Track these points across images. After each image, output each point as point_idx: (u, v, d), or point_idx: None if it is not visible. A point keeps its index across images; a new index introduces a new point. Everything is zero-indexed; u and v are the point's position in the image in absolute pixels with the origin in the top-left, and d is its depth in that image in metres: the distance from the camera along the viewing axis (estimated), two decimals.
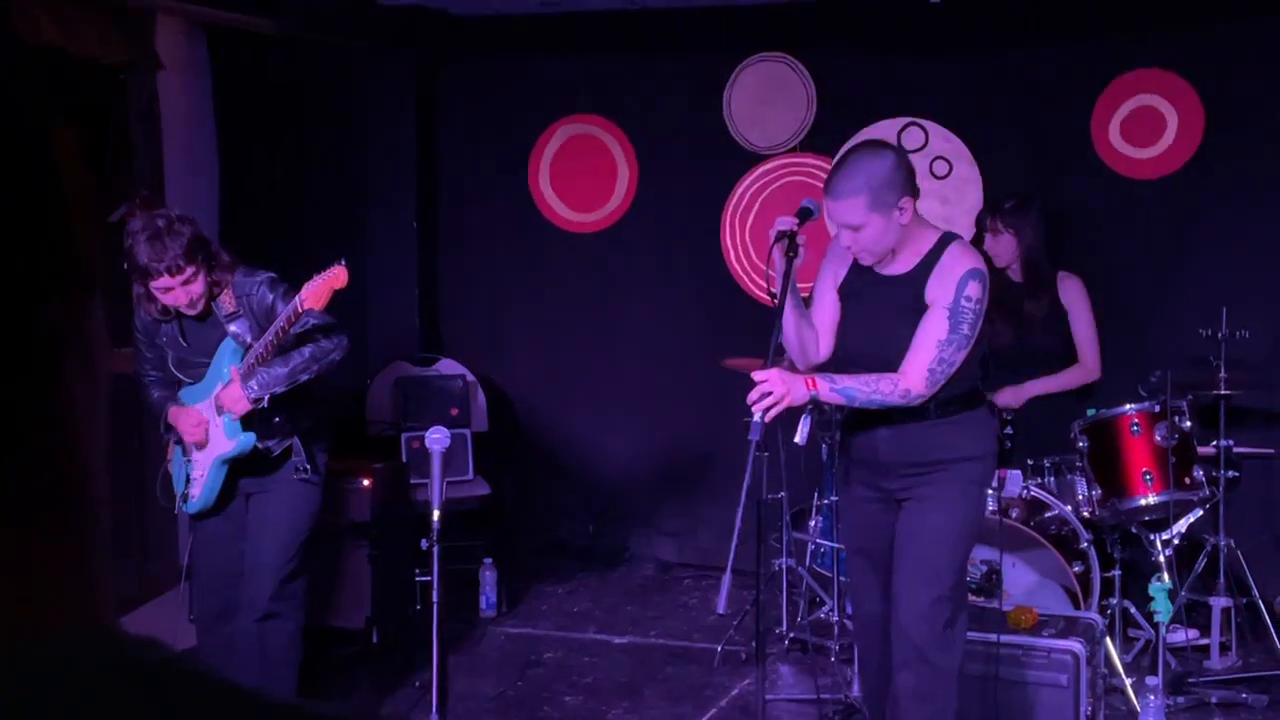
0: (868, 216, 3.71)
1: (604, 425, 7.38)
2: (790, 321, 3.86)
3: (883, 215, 3.72)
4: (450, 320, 7.59)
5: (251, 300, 4.34)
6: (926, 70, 6.70)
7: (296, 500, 4.53)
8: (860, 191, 3.70)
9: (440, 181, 7.57)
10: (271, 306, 4.33)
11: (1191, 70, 6.27)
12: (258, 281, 4.37)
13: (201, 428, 4.41)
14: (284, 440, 4.47)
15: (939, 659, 3.83)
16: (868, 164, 3.75)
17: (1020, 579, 5.26)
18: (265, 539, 4.51)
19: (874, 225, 3.73)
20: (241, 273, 4.37)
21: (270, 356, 4.25)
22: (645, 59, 7.21)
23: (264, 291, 4.35)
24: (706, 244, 7.08)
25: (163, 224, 4.14)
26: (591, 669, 5.68)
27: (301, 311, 4.12)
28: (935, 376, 3.73)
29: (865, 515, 4.04)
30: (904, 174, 3.76)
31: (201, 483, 4.46)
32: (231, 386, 4.30)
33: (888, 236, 3.77)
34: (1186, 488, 5.23)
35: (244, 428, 4.37)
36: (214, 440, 4.41)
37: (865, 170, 3.73)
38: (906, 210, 3.74)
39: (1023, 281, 5.77)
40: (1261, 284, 6.14)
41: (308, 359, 4.36)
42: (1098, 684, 4.63)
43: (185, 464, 4.53)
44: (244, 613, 4.52)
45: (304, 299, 4.09)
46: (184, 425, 4.44)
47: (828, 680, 5.23)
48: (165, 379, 4.53)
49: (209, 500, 4.48)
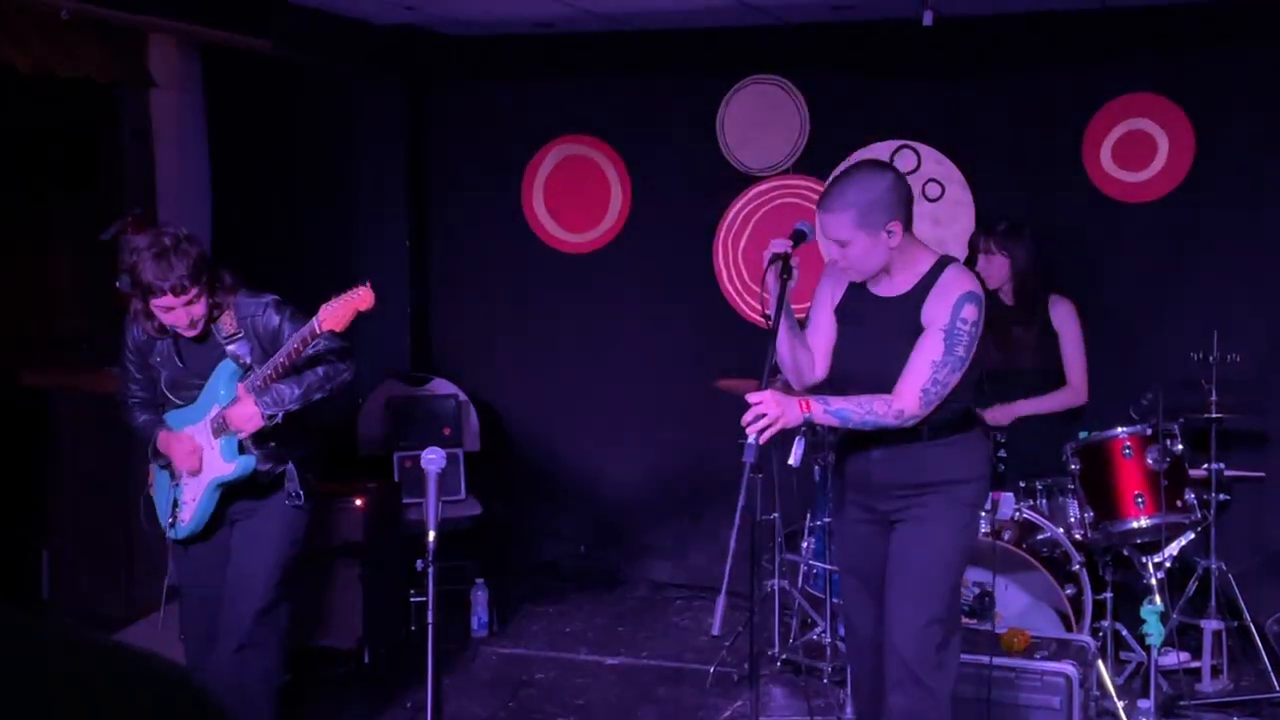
0: (854, 233, 3.73)
1: (596, 445, 7.37)
2: (785, 343, 3.87)
3: (869, 234, 3.72)
4: (442, 340, 7.58)
5: (255, 322, 4.25)
6: (919, 93, 6.72)
7: (282, 528, 4.39)
8: (848, 208, 3.72)
9: (432, 201, 7.58)
10: (278, 329, 4.24)
11: (1182, 95, 6.30)
12: (262, 303, 4.27)
13: (195, 455, 4.30)
14: (277, 466, 4.35)
15: (932, 680, 3.82)
16: (862, 182, 3.77)
17: (1012, 601, 5.26)
18: (249, 568, 4.36)
19: (860, 243, 3.74)
20: (243, 294, 4.27)
21: (280, 376, 4.14)
22: (639, 80, 7.23)
23: (270, 314, 4.25)
24: (699, 265, 7.09)
25: (170, 242, 4.05)
26: (584, 690, 5.66)
27: (319, 333, 4.03)
28: (929, 398, 3.73)
29: (859, 537, 4.04)
30: (897, 197, 3.77)
31: (193, 507, 4.34)
32: (243, 404, 4.18)
33: (874, 256, 3.78)
34: (1178, 510, 5.24)
35: (242, 451, 4.27)
36: (210, 464, 4.30)
37: (858, 188, 3.75)
38: (895, 234, 3.75)
39: (1014, 304, 5.79)
40: (1252, 307, 6.17)
41: (321, 378, 4.26)
42: (1090, 707, 4.63)
43: (173, 488, 4.40)
44: (223, 641, 4.38)
45: (322, 320, 3.99)
46: (177, 452, 4.32)
47: (820, 702, 5.22)
48: (150, 400, 4.42)
49: (199, 525, 4.36)
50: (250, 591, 4.34)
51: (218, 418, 4.25)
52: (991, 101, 6.66)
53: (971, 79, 6.68)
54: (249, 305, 4.26)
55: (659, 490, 7.25)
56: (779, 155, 6.97)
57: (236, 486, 4.33)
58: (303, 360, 4.16)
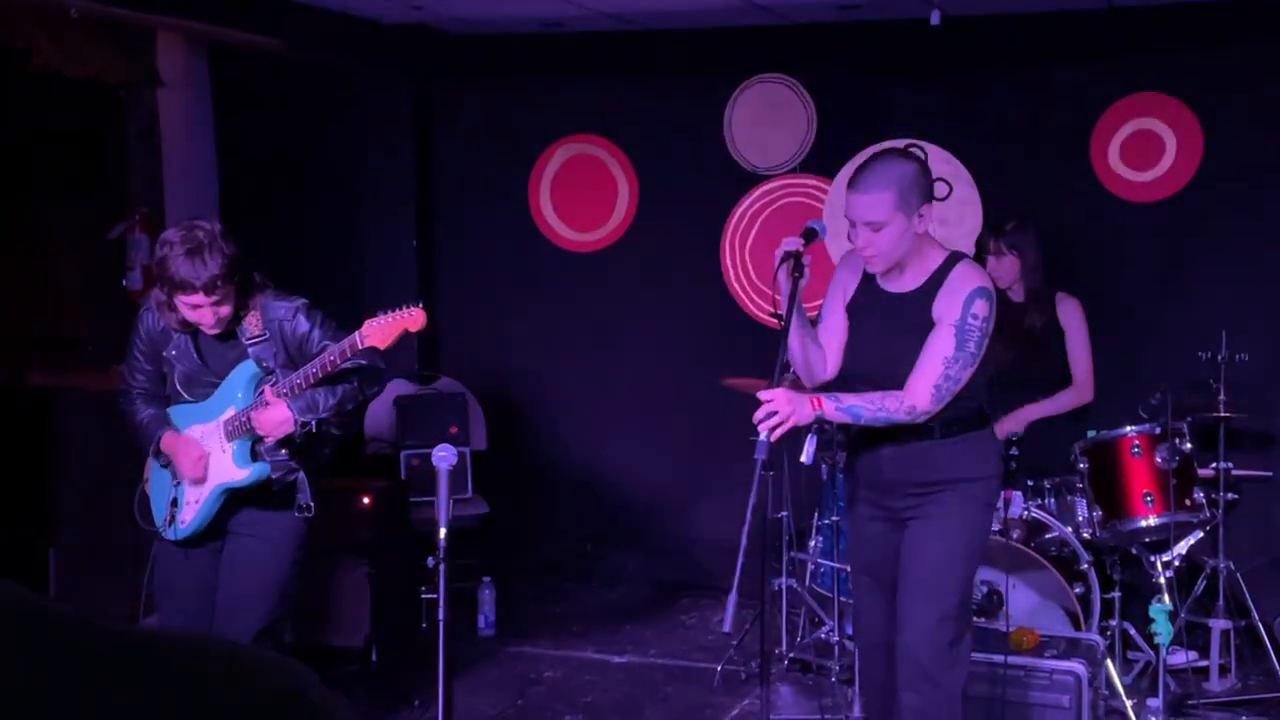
0: (892, 215, 3.71)
1: (603, 444, 7.37)
2: (796, 340, 3.86)
3: (905, 216, 3.73)
4: (449, 338, 7.58)
5: (284, 326, 4.10)
6: (927, 92, 6.72)
7: (288, 542, 4.21)
8: (889, 187, 3.70)
9: (439, 199, 7.58)
10: (307, 335, 4.09)
11: (1191, 94, 6.30)
12: (292, 307, 4.12)
13: (202, 463, 4.13)
14: (288, 475, 4.17)
15: (944, 678, 3.82)
16: (897, 165, 3.79)
17: (1021, 600, 5.26)
18: (252, 585, 4.18)
19: (895, 226, 3.73)
20: (271, 294, 4.13)
21: (309, 385, 3.99)
22: (646, 79, 7.24)
23: (300, 319, 4.11)
24: (706, 264, 7.09)
25: (204, 238, 3.89)
26: (591, 688, 5.66)
27: (362, 347, 3.87)
28: (941, 394, 3.73)
29: (871, 535, 4.03)
30: (927, 182, 3.81)
31: (196, 509, 4.16)
32: (274, 409, 4.02)
33: (904, 242, 3.77)
34: (1187, 509, 5.24)
35: (255, 458, 4.12)
36: (218, 468, 4.13)
37: (895, 170, 3.75)
38: (926, 219, 3.76)
39: (1024, 302, 5.78)
40: (1261, 307, 6.16)
41: (355, 389, 4.13)
42: (1099, 705, 4.63)
43: (173, 487, 4.22)
44: None
45: (366, 335, 3.84)
46: (183, 459, 4.15)
47: (829, 700, 5.22)
48: (155, 393, 4.25)
49: (200, 528, 4.17)
50: (253, 609, 4.17)
51: (237, 420, 4.09)
52: (999, 101, 6.66)
53: (979, 79, 6.68)
54: (278, 308, 4.11)
55: (665, 488, 7.25)
56: (786, 154, 6.97)
57: (243, 494, 4.17)
58: (337, 371, 4.01)
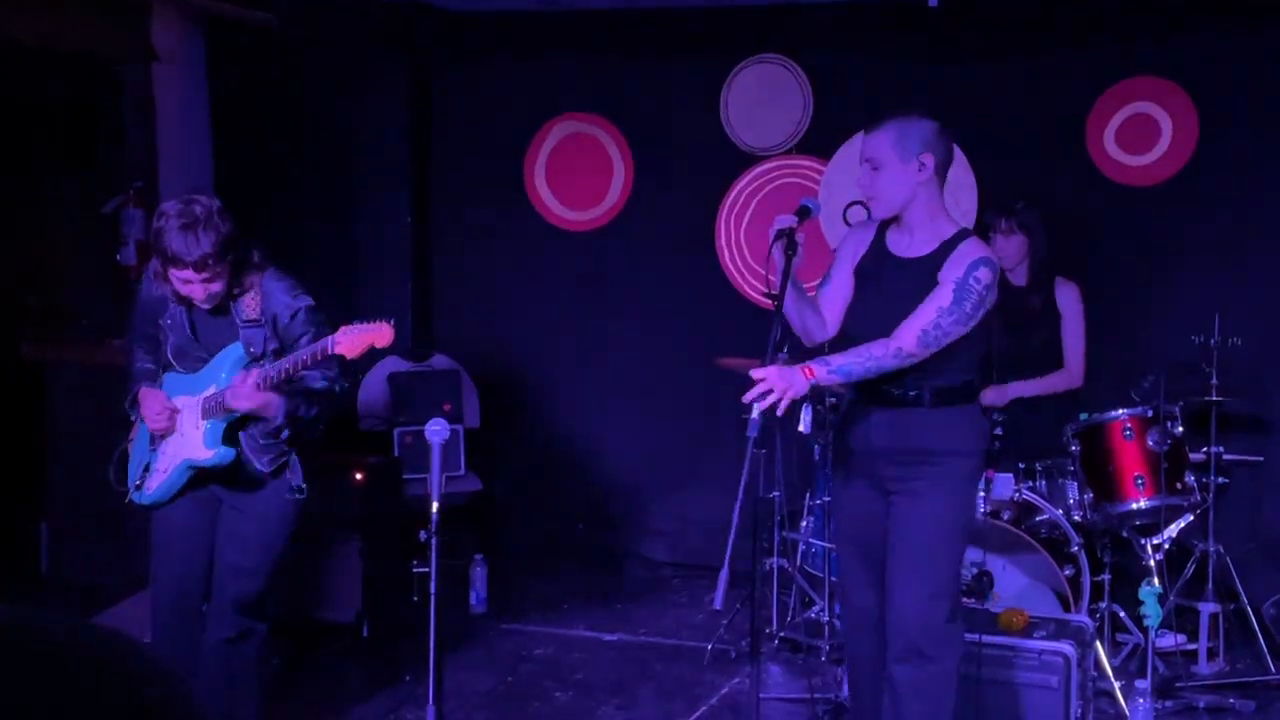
0: (888, 154, 3.80)
1: (596, 423, 7.38)
2: (793, 307, 3.86)
3: (901, 159, 3.79)
4: (443, 315, 7.58)
5: (279, 320, 4.05)
6: (923, 74, 6.71)
7: (278, 523, 4.18)
8: (889, 129, 3.82)
9: (435, 177, 7.57)
10: (298, 339, 4.04)
11: (1186, 77, 6.30)
12: (297, 306, 4.06)
13: (165, 415, 4.08)
14: (279, 458, 4.13)
15: (938, 653, 3.83)
16: (909, 116, 3.87)
17: (1011, 582, 5.27)
18: (240, 557, 4.17)
19: (891, 168, 3.81)
20: (273, 276, 4.07)
21: (274, 384, 3.95)
22: (643, 58, 7.22)
23: (301, 320, 4.06)
24: (701, 244, 7.09)
25: (201, 213, 3.84)
26: (582, 666, 5.68)
27: (330, 354, 3.81)
28: (927, 339, 3.74)
29: (858, 506, 4.03)
30: (937, 139, 3.84)
31: (161, 479, 4.13)
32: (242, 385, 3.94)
33: (901, 187, 3.83)
34: (1178, 493, 5.26)
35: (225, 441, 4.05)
36: (188, 440, 4.09)
37: (904, 119, 3.86)
38: (927, 168, 3.81)
39: (1025, 284, 5.79)
40: (1254, 291, 6.17)
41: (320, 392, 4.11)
42: (1088, 687, 4.65)
43: (150, 451, 4.19)
44: (211, 629, 4.20)
45: (338, 342, 3.77)
46: (149, 408, 4.10)
47: (818, 680, 5.24)
48: (154, 356, 4.22)
49: (163, 498, 4.16)
50: (242, 585, 4.18)
51: (214, 399, 4.04)
52: (995, 83, 6.65)
53: (975, 61, 6.67)
54: (281, 301, 4.06)
55: (658, 468, 7.27)
56: (782, 135, 6.96)
57: (223, 473, 4.13)
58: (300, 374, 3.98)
